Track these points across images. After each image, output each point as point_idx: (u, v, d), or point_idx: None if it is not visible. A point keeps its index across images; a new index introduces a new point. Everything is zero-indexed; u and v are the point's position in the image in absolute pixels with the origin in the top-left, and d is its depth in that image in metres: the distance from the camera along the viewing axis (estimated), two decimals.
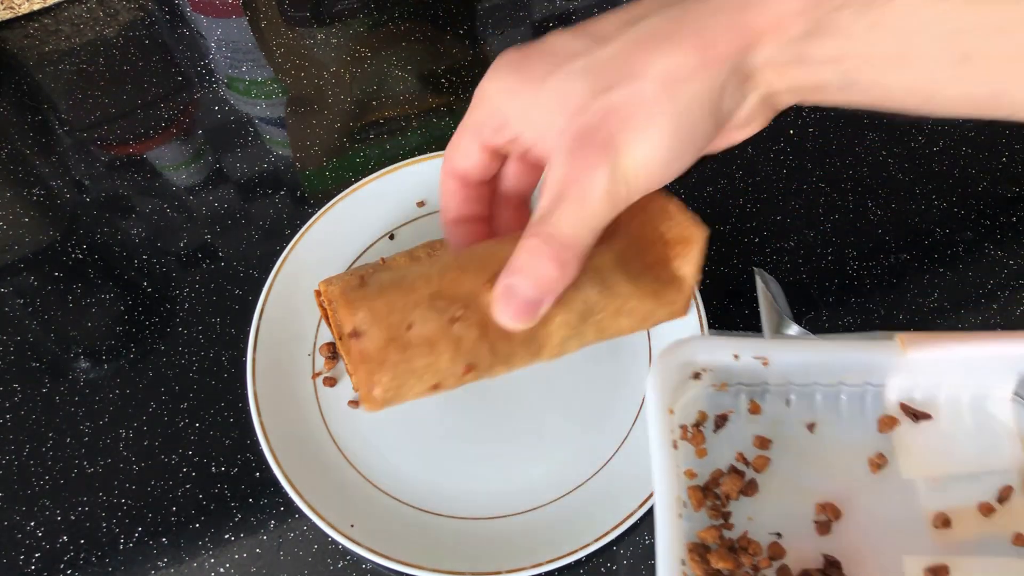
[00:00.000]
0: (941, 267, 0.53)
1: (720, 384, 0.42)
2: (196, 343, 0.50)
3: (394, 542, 0.42)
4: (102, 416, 0.48)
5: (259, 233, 0.55)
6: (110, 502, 0.45)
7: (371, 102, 0.61)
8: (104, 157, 0.59)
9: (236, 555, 0.44)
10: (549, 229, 0.31)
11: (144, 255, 0.54)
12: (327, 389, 0.48)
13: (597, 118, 0.30)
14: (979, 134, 0.58)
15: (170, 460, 0.47)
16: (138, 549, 0.44)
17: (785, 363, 0.41)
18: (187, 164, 0.59)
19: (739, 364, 0.40)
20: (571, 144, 0.31)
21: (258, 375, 0.47)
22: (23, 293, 0.53)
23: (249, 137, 0.59)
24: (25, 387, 0.49)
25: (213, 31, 0.65)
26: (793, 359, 0.41)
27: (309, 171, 0.58)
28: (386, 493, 0.45)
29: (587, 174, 0.30)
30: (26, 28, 0.64)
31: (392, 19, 0.66)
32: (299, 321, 0.49)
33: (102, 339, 0.51)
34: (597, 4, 0.67)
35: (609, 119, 0.30)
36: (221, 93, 0.62)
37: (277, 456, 0.44)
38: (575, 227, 0.31)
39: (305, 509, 0.43)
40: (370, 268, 0.41)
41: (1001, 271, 0.53)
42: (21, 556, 0.44)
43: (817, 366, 0.41)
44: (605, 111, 0.30)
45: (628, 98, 0.30)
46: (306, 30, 0.65)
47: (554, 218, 0.31)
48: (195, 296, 0.52)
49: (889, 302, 0.52)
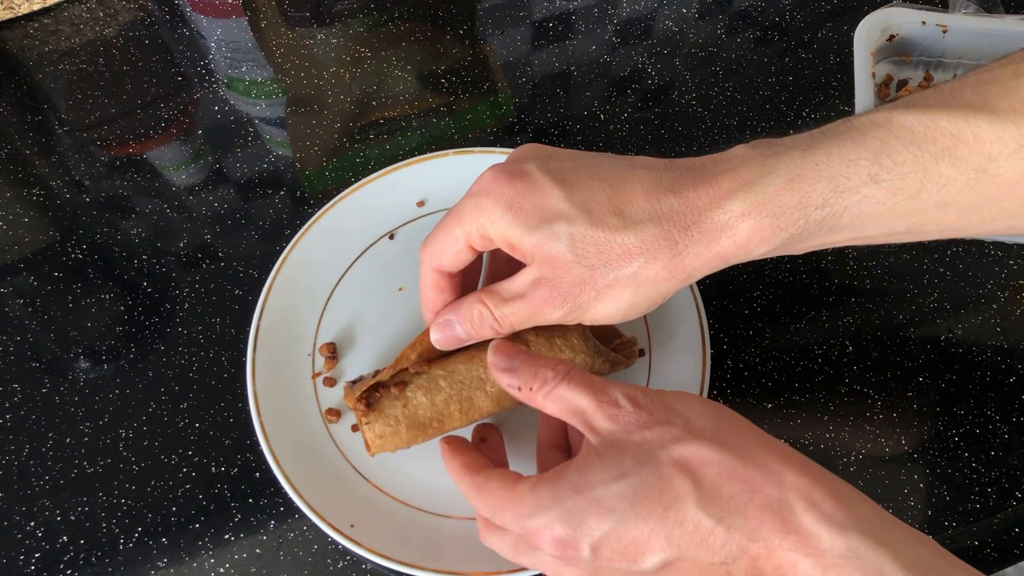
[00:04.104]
0: (941, 267, 0.53)
1: (904, 55, 0.56)
2: (196, 343, 0.50)
3: (394, 542, 0.42)
4: (102, 416, 0.48)
5: (259, 233, 0.55)
6: (110, 502, 0.45)
7: (371, 102, 0.61)
8: (104, 157, 0.59)
9: (236, 555, 0.44)
10: (503, 311, 0.38)
11: (144, 255, 0.54)
12: (327, 389, 0.48)
13: (574, 280, 0.36)
14: None
15: (170, 460, 0.47)
16: (138, 549, 0.44)
17: (962, 33, 0.54)
18: (187, 164, 0.59)
19: (924, 31, 0.48)
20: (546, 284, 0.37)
21: (258, 375, 0.47)
22: (23, 293, 0.52)
23: (249, 137, 0.59)
24: (25, 387, 0.49)
25: (213, 31, 0.65)
26: (969, 28, 0.54)
27: (309, 171, 0.58)
28: (386, 493, 0.45)
29: (548, 309, 0.37)
30: (26, 28, 0.64)
31: (392, 19, 0.66)
32: (299, 321, 0.49)
33: (102, 339, 0.51)
34: (597, 5, 0.67)
35: (583, 285, 0.36)
36: (221, 93, 0.62)
37: (277, 456, 0.44)
38: (518, 323, 0.39)
39: (305, 509, 0.43)
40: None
41: (1001, 271, 0.53)
42: (21, 556, 0.44)
43: (988, 40, 0.52)
44: (581, 280, 0.36)
45: (603, 277, 0.36)
46: (306, 30, 0.65)
47: (510, 308, 0.38)
48: (195, 296, 0.52)
49: (889, 302, 0.52)
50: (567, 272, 0.36)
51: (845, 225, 0.34)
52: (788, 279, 0.53)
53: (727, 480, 0.32)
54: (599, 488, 0.33)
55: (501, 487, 0.36)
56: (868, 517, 0.31)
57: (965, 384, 0.49)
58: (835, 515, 0.30)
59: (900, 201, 0.33)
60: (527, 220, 0.36)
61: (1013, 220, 0.35)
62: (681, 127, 0.59)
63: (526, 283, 0.37)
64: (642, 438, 0.34)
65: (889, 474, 0.47)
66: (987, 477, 0.47)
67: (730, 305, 0.52)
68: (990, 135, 0.32)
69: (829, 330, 0.51)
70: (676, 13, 0.67)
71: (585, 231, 0.35)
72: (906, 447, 0.47)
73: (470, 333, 0.40)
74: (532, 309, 0.37)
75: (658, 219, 0.35)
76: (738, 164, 0.35)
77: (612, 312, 0.37)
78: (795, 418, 0.48)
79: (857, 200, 0.34)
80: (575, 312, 0.37)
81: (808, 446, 0.47)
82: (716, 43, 0.65)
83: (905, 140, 0.33)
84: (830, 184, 0.33)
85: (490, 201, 0.37)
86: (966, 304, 0.52)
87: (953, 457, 0.47)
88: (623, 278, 0.36)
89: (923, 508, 0.46)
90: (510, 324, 0.39)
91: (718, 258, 0.35)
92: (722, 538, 0.31)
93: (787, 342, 0.51)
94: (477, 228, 0.37)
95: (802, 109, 0.60)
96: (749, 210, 0.34)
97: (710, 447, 0.33)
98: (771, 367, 0.50)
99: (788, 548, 0.30)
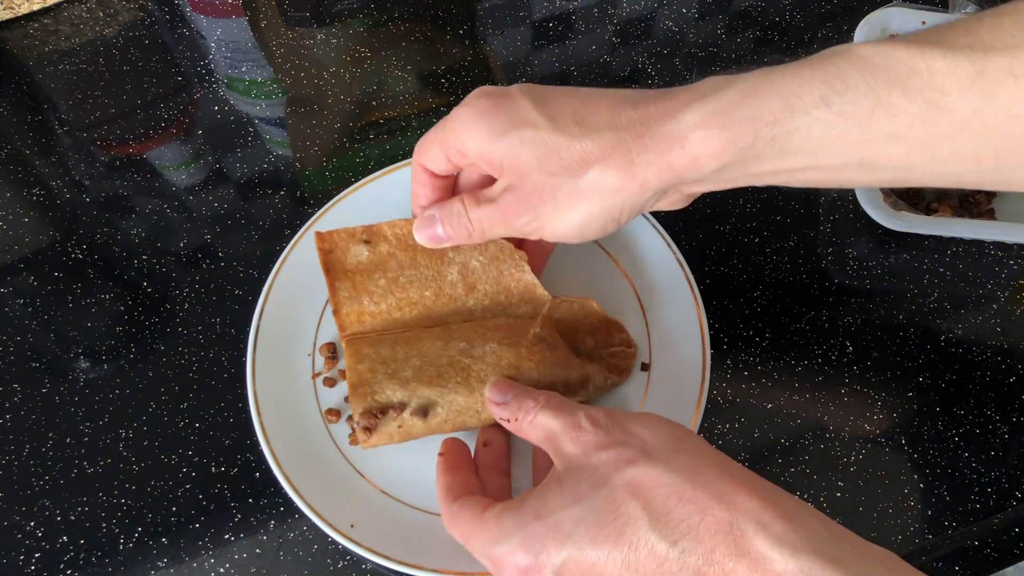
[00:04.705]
0: (941, 267, 0.53)
1: None
2: (196, 343, 0.50)
3: (394, 542, 0.42)
4: (102, 416, 0.48)
5: (259, 233, 0.55)
6: (110, 502, 0.45)
7: (371, 102, 0.61)
8: (104, 157, 0.59)
9: (236, 555, 0.44)
10: (476, 213, 0.41)
11: (144, 255, 0.54)
12: (327, 389, 0.48)
13: (536, 187, 0.38)
14: None
15: (170, 460, 0.47)
16: (138, 549, 0.44)
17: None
18: (187, 164, 0.59)
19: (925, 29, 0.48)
20: (512, 191, 0.39)
21: (258, 375, 0.47)
22: (23, 293, 0.52)
23: (249, 137, 0.59)
24: (25, 387, 0.49)
25: (213, 31, 0.65)
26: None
27: (309, 171, 0.58)
28: (386, 493, 0.45)
29: (514, 216, 0.39)
30: (26, 28, 0.64)
31: (392, 19, 0.66)
32: (299, 321, 0.49)
33: (102, 339, 0.51)
34: (597, 5, 0.67)
35: (543, 193, 0.38)
36: (221, 93, 0.62)
37: (277, 456, 0.44)
38: (488, 227, 0.41)
39: (305, 509, 0.43)
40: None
41: (1001, 271, 0.53)
42: (21, 556, 0.44)
43: None
44: (542, 187, 0.38)
45: (561, 186, 0.38)
46: (306, 30, 0.65)
47: (482, 211, 0.40)
48: (195, 296, 0.52)
49: (889, 302, 0.52)
50: (530, 179, 0.38)
51: (796, 148, 0.34)
52: (788, 279, 0.53)
53: (677, 502, 0.32)
54: (557, 513, 0.34)
55: (471, 515, 0.37)
56: (820, 536, 0.31)
57: (965, 384, 0.49)
58: (786, 536, 0.30)
59: (850, 127, 0.33)
60: (496, 127, 0.38)
61: (966, 165, 0.34)
62: None
63: (498, 189, 0.40)
64: (598, 460, 0.34)
65: (889, 474, 0.47)
66: (987, 477, 0.47)
67: (730, 305, 0.52)
68: (943, 68, 0.32)
69: (829, 330, 0.51)
70: (676, 13, 0.67)
71: (548, 137, 0.37)
72: (906, 447, 0.48)
73: (448, 232, 0.42)
74: (500, 214, 0.40)
75: (615, 128, 0.36)
76: (701, 85, 0.36)
77: (570, 225, 0.39)
78: (795, 418, 0.48)
79: (807, 122, 0.33)
80: (536, 222, 0.39)
81: (808, 446, 0.47)
82: (716, 43, 0.65)
83: (860, 67, 0.33)
84: (781, 102, 0.34)
85: (467, 111, 0.39)
86: (966, 304, 0.52)
87: (953, 457, 0.47)
88: (580, 187, 0.37)
89: (923, 508, 0.46)
90: (481, 228, 0.41)
91: (669, 170, 0.36)
92: (678, 563, 0.31)
93: (787, 342, 0.51)
94: (454, 140, 0.40)
95: None
96: (701, 121, 0.35)
97: (661, 469, 0.33)
98: (771, 367, 0.50)
99: (743, 571, 0.30)
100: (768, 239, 0.54)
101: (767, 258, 0.54)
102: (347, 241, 0.47)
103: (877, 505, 0.46)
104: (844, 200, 0.56)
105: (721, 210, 0.56)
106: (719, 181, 0.37)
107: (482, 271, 0.47)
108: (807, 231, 0.55)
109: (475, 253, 0.47)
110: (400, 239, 0.47)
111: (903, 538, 0.45)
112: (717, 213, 0.55)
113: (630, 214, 0.39)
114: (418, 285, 0.47)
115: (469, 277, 0.47)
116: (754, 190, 0.56)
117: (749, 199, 0.56)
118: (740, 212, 0.56)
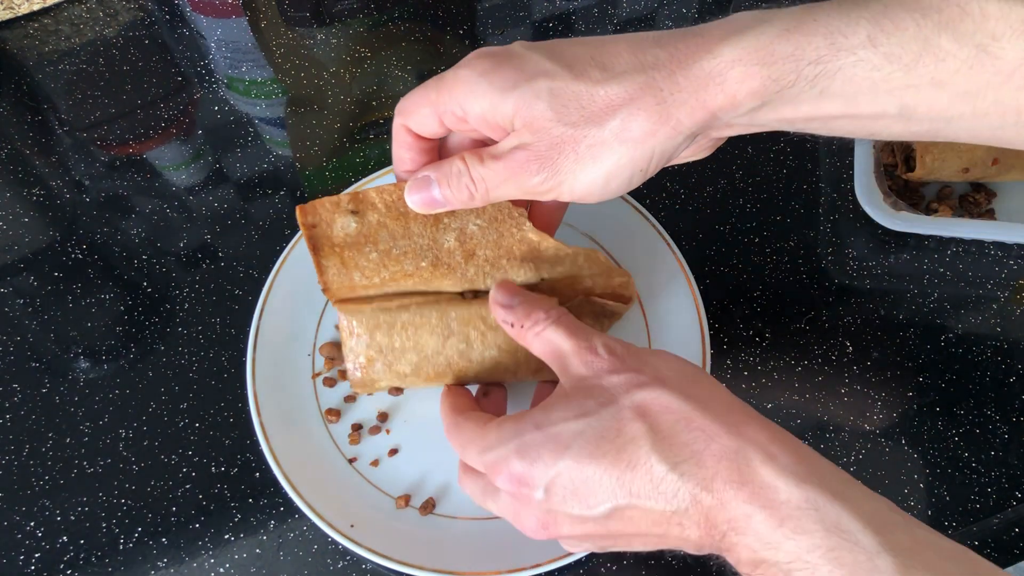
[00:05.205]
0: (941, 267, 0.53)
1: None
2: (196, 343, 0.50)
3: (394, 542, 0.42)
4: (102, 416, 0.48)
5: (259, 233, 0.55)
6: (110, 502, 0.45)
7: (371, 102, 0.61)
8: (104, 157, 0.59)
9: (236, 555, 0.44)
10: (479, 172, 0.36)
11: (144, 255, 0.54)
12: (327, 389, 0.48)
13: (554, 141, 0.34)
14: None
15: (170, 460, 0.47)
16: (138, 549, 0.44)
17: None
18: (187, 164, 0.59)
19: None
20: (525, 148, 0.35)
21: (258, 375, 0.47)
22: (23, 293, 0.52)
23: (249, 137, 0.59)
24: (25, 387, 0.49)
25: (213, 31, 0.65)
26: None
27: (309, 171, 0.58)
28: (386, 493, 0.45)
29: (525, 173, 0.35)
30: (26, 28, 0.64)
31: (392, 19, 0.66)
32: (299, 321, 0.49)
33: (102, 339, 0.51)
34: (597, 5, 0.67)
35: (563, 147, 0.34)
36: (221, 93, 0.62)
37: (277, 456, 0.44)
38: (493, 187, 0.37)
39: (305, 509, 0.43)
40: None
41: (1001, 271, 0.53)
42: (21, 556, 0.44)
43: None
44: (562, 141, 0.34)
45: (584, 138, 0.34)
46: (306, 30, 0.65)
47: (487, 169, 0.36)
48: (195, 296, 0.52)
49: (889, 302, 0.52)
50: (548, 134, 0.34)
51: (836, 92, 0.32)
52: (788, 279, 0.53)
53: (684, 427, 0.32)
54: (559, 424, 0.33)
55: (474, 424, 0.36)
56: (826, 473, 0.31)
57: (965, 384, 0.49)
58: (793, 468, 0.30)
59: (895, 71, 0.32)
60: (504, 84, 0.34)
61: (1006, 118, 0.32)
62: None
63: (507, 146, 0.36)
64: (609, 382, 0.34)
65: (889, 474, 0.47)
66: (987, 477, 0.47)
67: (730, 305, 0.52)
68: (997, 12, 0.31)
69: (829, 330, 0.51)
70: (676, 13, 0.67)
71: (566, 85, 0.34)
72: (906, 447, 0.47)
73: (445, 195, 0.38)
74: (508, 172, 0.36)
75: (643, 68, 0.33)
76: (733, 20, 0.34)
77: (592, 180, 0.35)
78: (795, 418, 0.48)
79: (852, 62, 0.32)
80: (553, 179, 0.35)
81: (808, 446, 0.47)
82: None
83: (909, 7, 0.31)
84: (826, 40, 0.32)
85: (467, 71, 0.35)
86: (966, 304, 0.52)
87: (953, 457, 0.47)
88: (606, 137, 0.34)
89: (923, 508, 0.46)
90: (485, 189, 0.37)
91: (704, 109, 0.33)
92: (674, 485, 0.31)
93: (787, 342, 0.51)
94: (451, 103, 0.36)
95: None
96: (740, 57, 0.32)
97: (672, 395, 0.33)
98: (771, 367, 0.50)
99: (743, 500, 0.30)
100: (768, 239, 0.54)
101: (767, 258, 0.54)
102: (332, 212, 0.42)
103: None
104: (844, 200, 0.56)
105: (721, 210, 0.56)
106: (751, 125, 0.35)
107: (481, 235, 0.43)
108: (807, 231, 0.55)
109: (472, 217, 0.43)
110: (390, 206, 0.43)
111: None
112: (717, 213, 0.55)
113: (659, 163, 0.35)
114: (413, 256, 0.43)
115: (467, 243, 0.43)
116: (754, 190, 0.56)
117: (749, 199, 0.56)
118: (740, 212, 0.56)
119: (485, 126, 0.36)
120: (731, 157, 0.58)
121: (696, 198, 0.56)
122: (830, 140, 0.59)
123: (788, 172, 0.57)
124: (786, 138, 0.59)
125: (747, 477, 0.30)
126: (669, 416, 0.32)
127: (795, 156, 0.58)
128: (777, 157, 0.58)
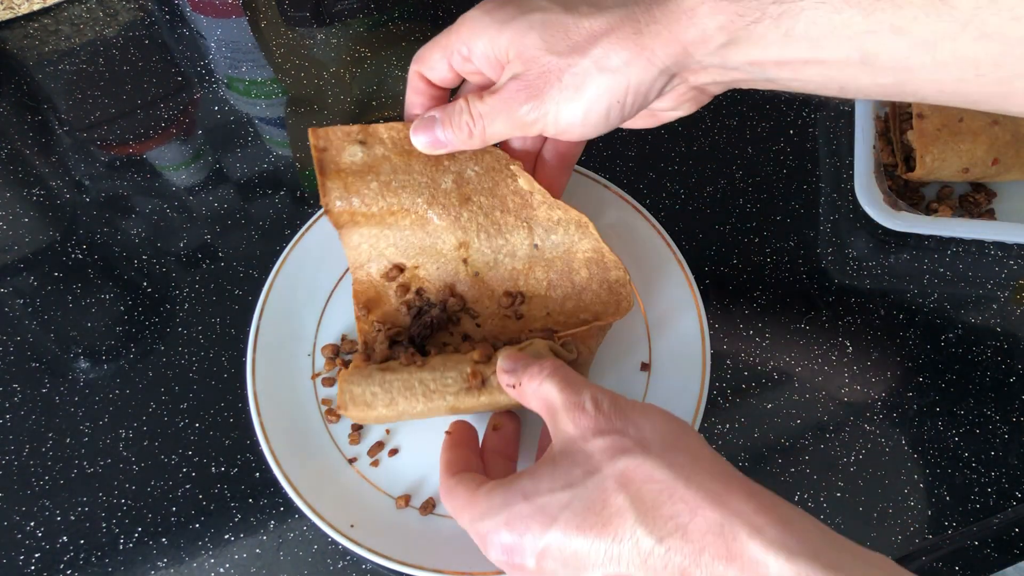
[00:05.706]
0: (941, 267, 0.53)
1: None
2: (196, 343, 0.50)
3: (394, 542, 0.42)
4: (102, 416, 0.48)
5: (259, 233, 0.55)
6: (110, 502, 0.45)
7: (371, 102, 0.61)
8: (104, 157, 0.59)
9: (236, 555, 0.44)
10: (478, 107, 0.40)
11: (144, 255, 0.54)
12: (327, 389, 0.48)
13: (542, 69, 0.38)
14: None
15: (170, 460, 0.47)
16: (138, 549, 0.44)
17: None
18: (187, 164, 0.59)
19: None
20: (517, 78, 0.38)
21: (258, 375, 0.47)
22: (23, 293, 0.53)
23: (249, 137, 0.59)
24: (25, 387, 0.49)
25: (213, 31, 0.65)
26: None
27: (309, 171, 0.58)
28: (386, 493, 0.45)
29: (517, 103, 0.39)
30: (26, 28, 0.64)
31: (392, 19, 0.66)
32: (299, 321, 0.49)
33: (102, 339, 0.51)
34: None
35: (550, 76, 0.38)
36: (221, 93, 0.62)
37: (277, 456, 0.44)
38: (490, 122, 0.40)
39: (305, 509, 0.43)
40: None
41: (1001, 271, 0.54)
42: (21, 556, 0.44)
43: None
44: (549, 69, 0.38)
45: (568, 67, 0.37)
46: (306, 30, 0.65)
47: (485, 104, 0.40)
48: (195, 296, 0.52)
49: (889, 302, 0.52)
50: (537, 63, 0.38)
51: (801, 34, 0.34)
52: (788, 279, 0.53)
53: (668, 499, 0.32)
54: (546, 496, 0.34)
55: (465, 490, 0.37)
56: (817, 542, 0.30)
57: (965, 384, 0.49)
58: (782, 541, 0.30)
59: (855, 15, 0.33)
60: (503, 18, 0.38)
61: (965, 71, 0.33)
62: (681, 127, 0.59)
63: (503, 80, 0.40)
64: (594, 446, 0.34)
65: (889, 474, 0.47)
66: (987, 477, 0.47)
67: (730, 305, 0.52)
68: None
69: (829, 330, 0.51)
70: None
71: (557, 17, 0.37)
72: (906, 447, 0.48)
73: (447, 136, 0.42)
74: (503, 103, 0.39)
75: (625, 3, 0.37)
76: None
77: (573, 113, 0.38)
78: (795, 418, 0.48)
79: (814, 3, 0.33)
80: (539, 109, 0.39)
81: (808, 446, 0.47)
82: None
83: None
84: None
85: (474, 11, 0.39)
86: (966, 304, 0.52)
87: (953, 457, 0.47)
88: (587, 66, 0.37)
89: (923, 508, 0.46)
90: (482, 125, 0.41)
91: (677, 42, 0.36)
92: (662, 559, 0.31)
93: (787, 342, 0.51)
94: (457, 44, 0.40)
95: (802, 109, 0.60)
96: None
97: (655, 463, 0.33)
98: (771, 367, 0.50)
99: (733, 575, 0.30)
100: (768, 239, 0.54)
101: (767, 258, 0.54)
102: (342, 140, 0.46)
103: (877, 505, 0.46)
104: (844, 200, 0.56)
105: (721, 210, 0.56)
106: (724, 69, 0.37)
107: (478, 181, 0.46)
108: (807, 231, 0.55)
109: (471, 163, 0.46)
110: (396, 143, 0.46)
111: (903, 538, 0.45)
112: (717, 213, 0.55)
113: (635, 97, 0.38)
114: (411, 191, 0.46)
115: (464, 187, 0.46)
116: (754, 190, 0.56)
117: (749, 199, 0.56)
118: (740, 212, 0.56)
119: (487, 64, 0.40)
120: (731, 157, 0.58)
121: (696, 198, 0.56)
122: (830, 140, 0.59)
123: (788, 172, 0.57)
124: (786, 138, 0.59)
125: (735, 552, 0.30)
126: (652, 486, 0.32)
127: (795, 156, 0.58)
128: (777, 157, 0.58)
